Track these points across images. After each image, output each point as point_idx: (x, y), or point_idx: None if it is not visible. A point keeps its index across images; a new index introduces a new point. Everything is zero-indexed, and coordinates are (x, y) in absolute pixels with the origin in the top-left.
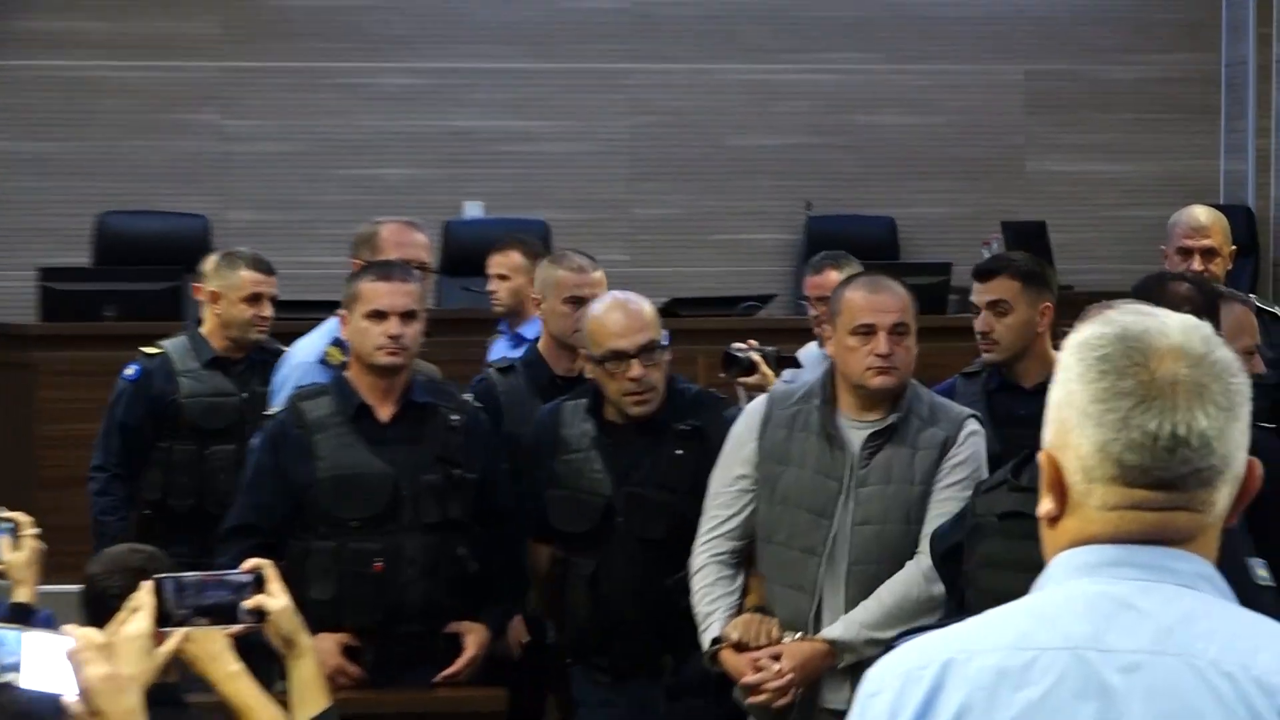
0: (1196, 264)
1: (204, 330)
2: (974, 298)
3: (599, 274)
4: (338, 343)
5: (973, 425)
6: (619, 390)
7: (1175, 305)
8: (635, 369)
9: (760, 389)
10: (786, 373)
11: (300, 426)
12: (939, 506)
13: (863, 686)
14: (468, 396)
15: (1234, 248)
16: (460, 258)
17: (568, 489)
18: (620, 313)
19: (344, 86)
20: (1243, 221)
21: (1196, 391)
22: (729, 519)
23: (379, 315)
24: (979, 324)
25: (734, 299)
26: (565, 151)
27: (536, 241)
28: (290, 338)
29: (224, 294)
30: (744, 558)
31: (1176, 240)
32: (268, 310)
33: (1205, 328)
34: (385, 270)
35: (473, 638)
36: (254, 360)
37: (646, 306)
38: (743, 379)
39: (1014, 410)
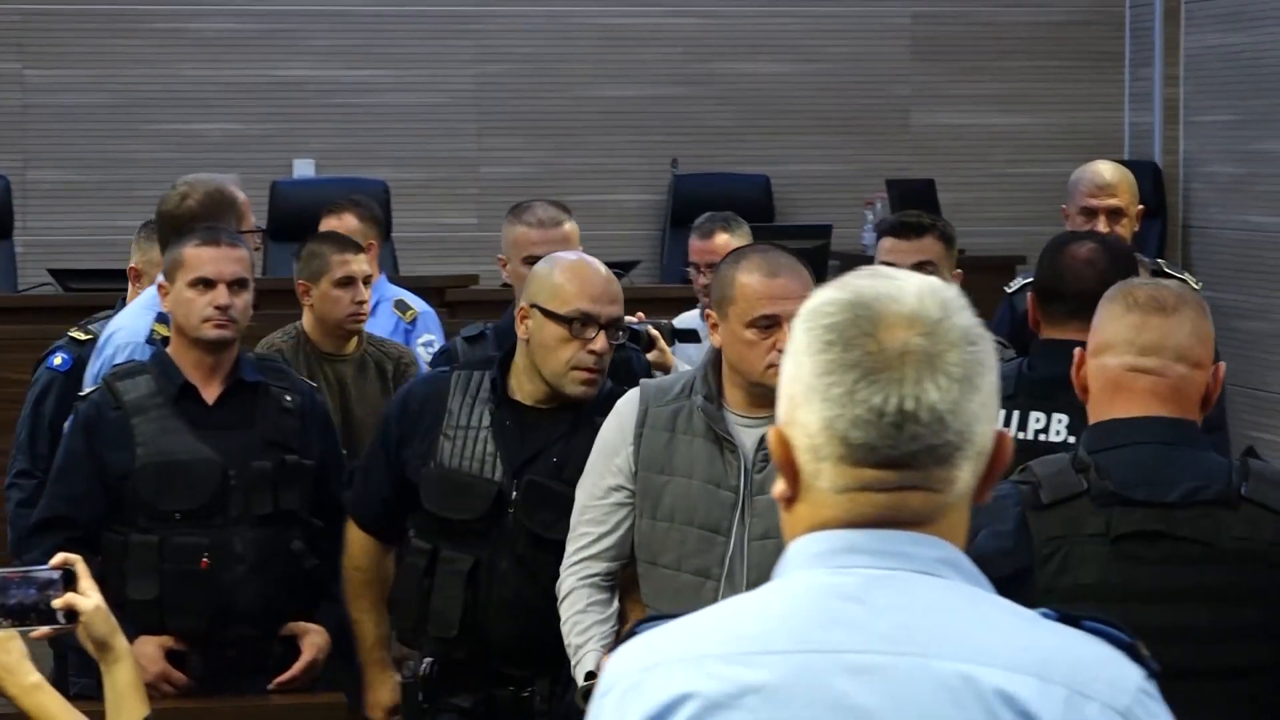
0: (1101, 225)
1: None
2: (888, 256)
3: (568, 226)
4: (163, 318)
5: None
6: (567, 361)
7: (1077, 271)
8: (601, 341)
9: (662, 368)
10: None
11: (117, 408)
12: None
13: (599, 683)
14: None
15: (1141, 207)
16: (289, 221)
17: (448, 468)
18: (598, 275)
19: (160, 32)
20: (1149, 179)
21: (927, 362)
22: (601, 537)
23: (205, 284)
24: None
25: None
26: (405, 104)
27: (373, 203)
28: (89, 312)
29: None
30: (618, 581)
31: (1079, 199)
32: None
33: (947, 291)
34: (211, 234)
35: (310, 640)
36: None
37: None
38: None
39: None
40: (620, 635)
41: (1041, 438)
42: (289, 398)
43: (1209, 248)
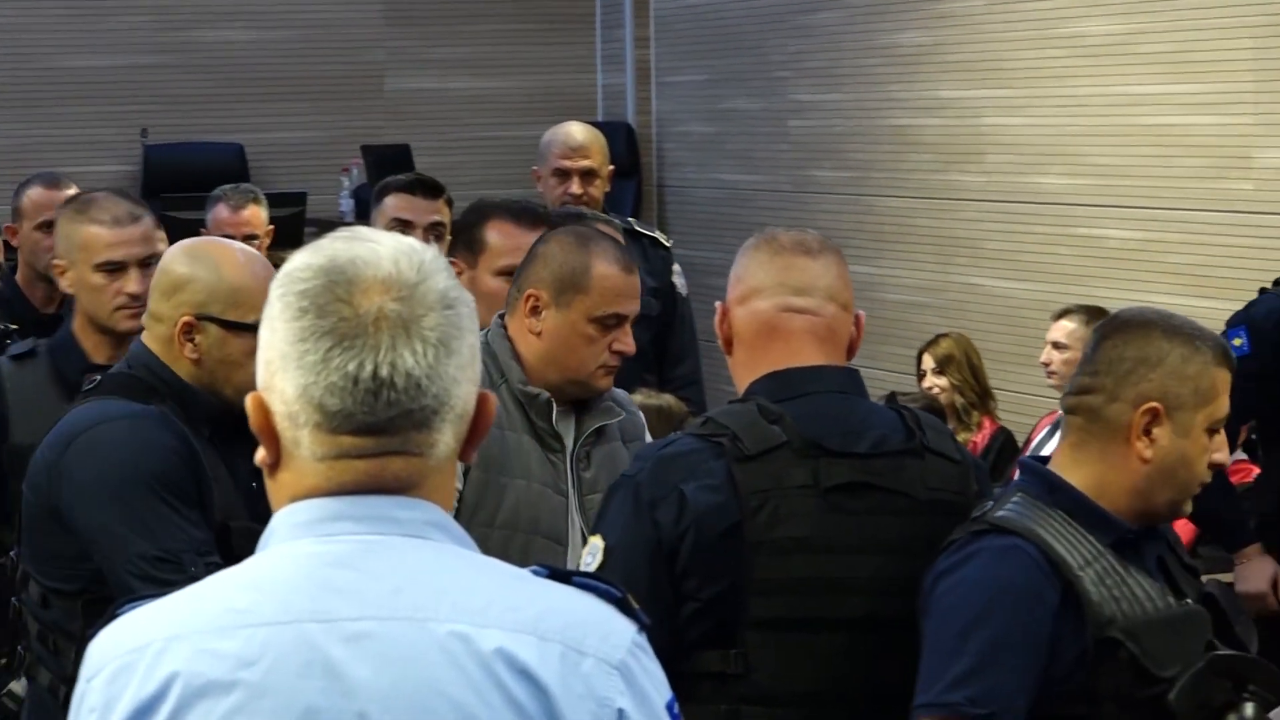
0: (575, 186)
1: None
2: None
3: (142, 228)
4: None
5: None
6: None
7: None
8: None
9: None
10: None
11: None
12: None
13: (82, 668)
14: None
15: (612, 168)
16: None
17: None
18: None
19: None
20: (623, 139)
21: (403, 327)
22: None
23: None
24: None
25: None
26: None
27: None
28: None
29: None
30: None
31: (552, 161)
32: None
33: (426, 253)
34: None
35: None
36: None
37: None
38: None
39: None
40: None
41: None
42: None
43: (684, 206)
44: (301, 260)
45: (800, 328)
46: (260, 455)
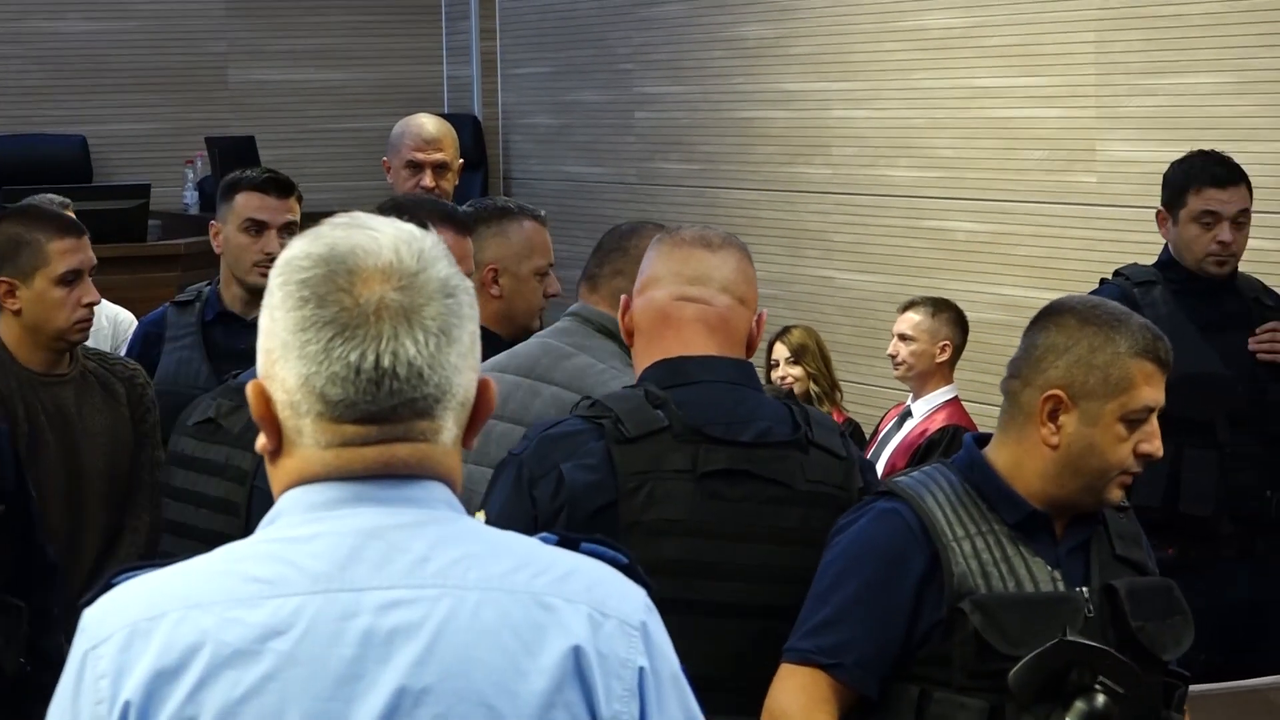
0: (427, 179)
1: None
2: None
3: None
4: None
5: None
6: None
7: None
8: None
9: None
10: None
11: None
12: None
13: (81, 635)
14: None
15: (461, 161)
16: None
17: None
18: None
19: None
20: (470, 131)
21: (404, 316)
22: None
23: None
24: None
25: None
26: None
27: None
28: None
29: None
30: None
31: (405, 154)
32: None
33: (426, 240)
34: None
35: None
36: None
37: None
38: None
39: (234, 344)
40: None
41: None
42: None
43: (531, 198)
44: (301, 248)
45: (691, 316)
46: (261, 442)
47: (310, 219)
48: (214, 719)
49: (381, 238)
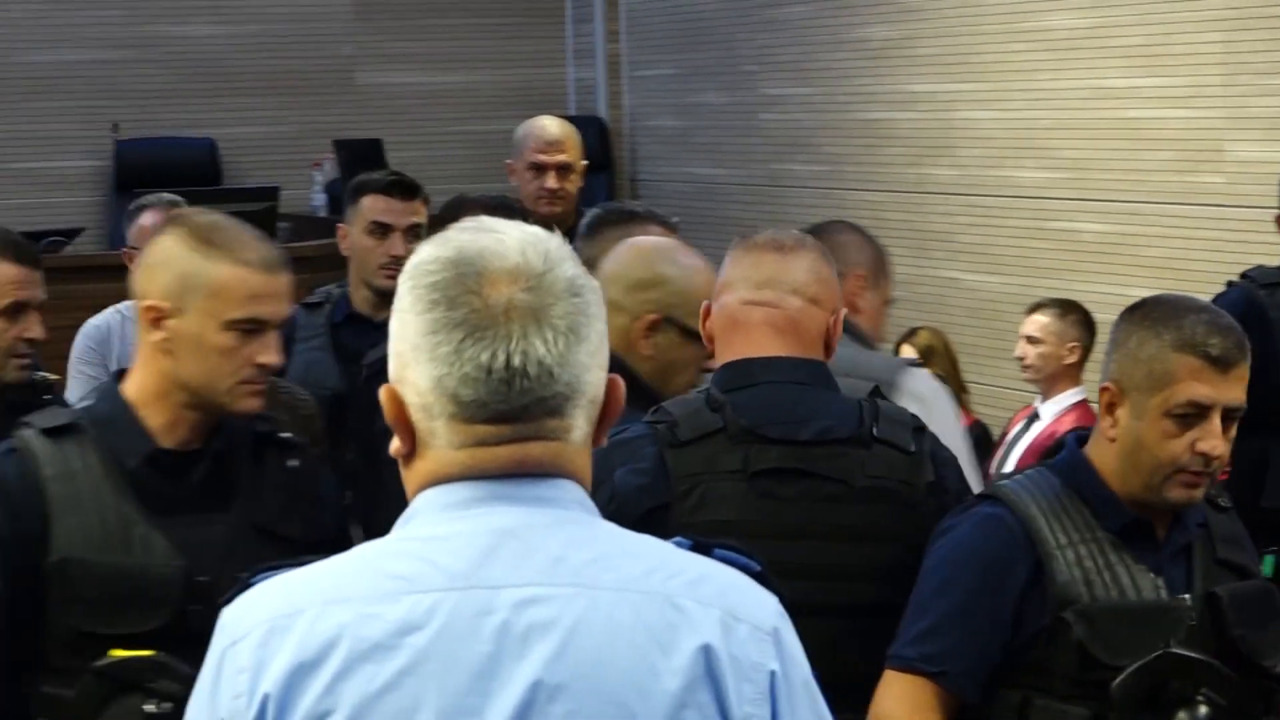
0: (551, 181)
1: None
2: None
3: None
4: None
5: None
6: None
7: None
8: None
9: None
10: None
11: None
12: None
13: (220, 634)
14: None
15: (586, 162)
16: None
17: None
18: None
19: None
20: (595, 133)
21: (533, 316)
22: None
23: None
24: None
25: (36, 234)
26: None
27: None
28: None
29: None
30: None
31: (527, 156)
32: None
33: (551, 241)
34: None
35: None
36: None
37: None
38: None
39: (363, 345)
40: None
41: None
42: None
43: (656, 200)
44: (429, 253)
45: (760, 319)
46: (395, 446)
47: (437, 222)
48: (351, 712)
49: (508, 240)
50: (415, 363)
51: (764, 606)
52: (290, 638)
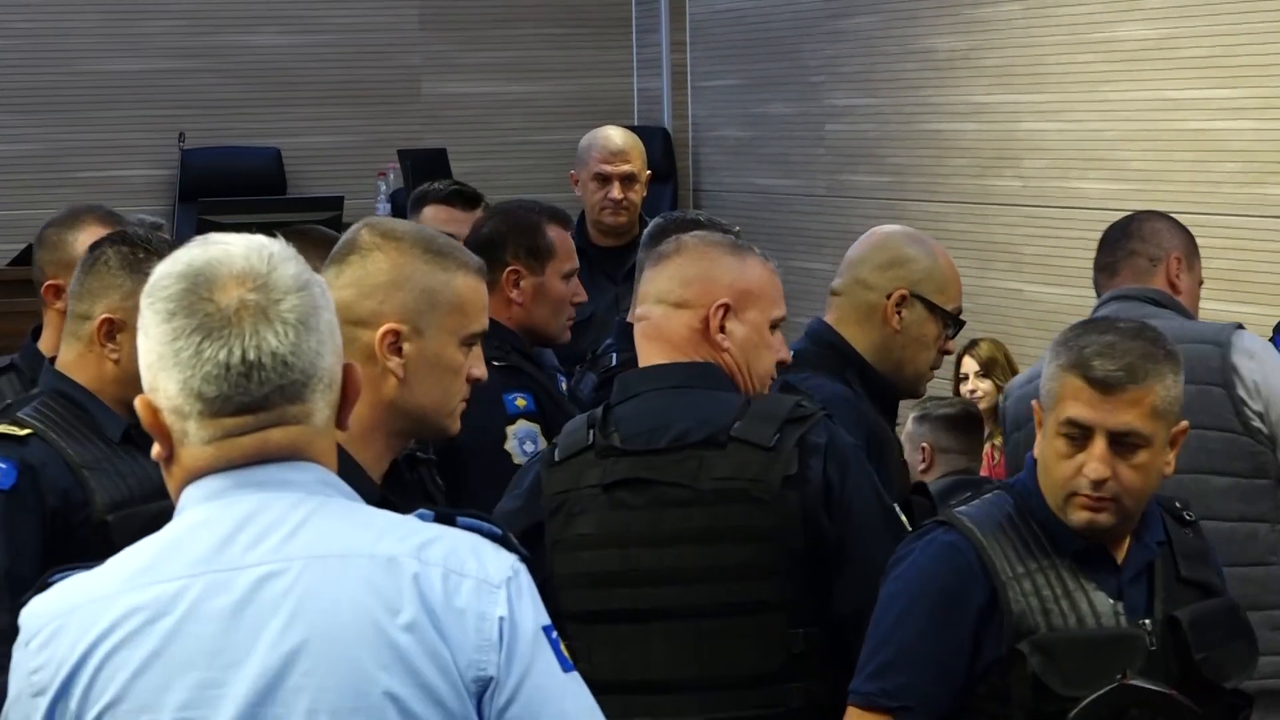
0: (615, 191)
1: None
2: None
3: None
4: None
5: None
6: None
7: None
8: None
9: None
10: None
11: None
12: None
13: (21, 634)
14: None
15: (649, 172)
16: None
17: None
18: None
19: None
20: (659, 144)
21: (262, 313)
22: None
23: None
24: None
25: None
26: None
27: None
28: None
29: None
30: None
31: (593, 166)
32: None
33: (271, 246)
34: None
35: None
36: None
37: None
38: None
39: None
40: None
41: None
42: None
43: (720, 210)
44: (163, 271)
45: (639, 334)
46: (155, 450)
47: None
48: (112, 698)
49: (233, 249)
50: (163, 370)
51: (495, 563)
52: (67, 636)
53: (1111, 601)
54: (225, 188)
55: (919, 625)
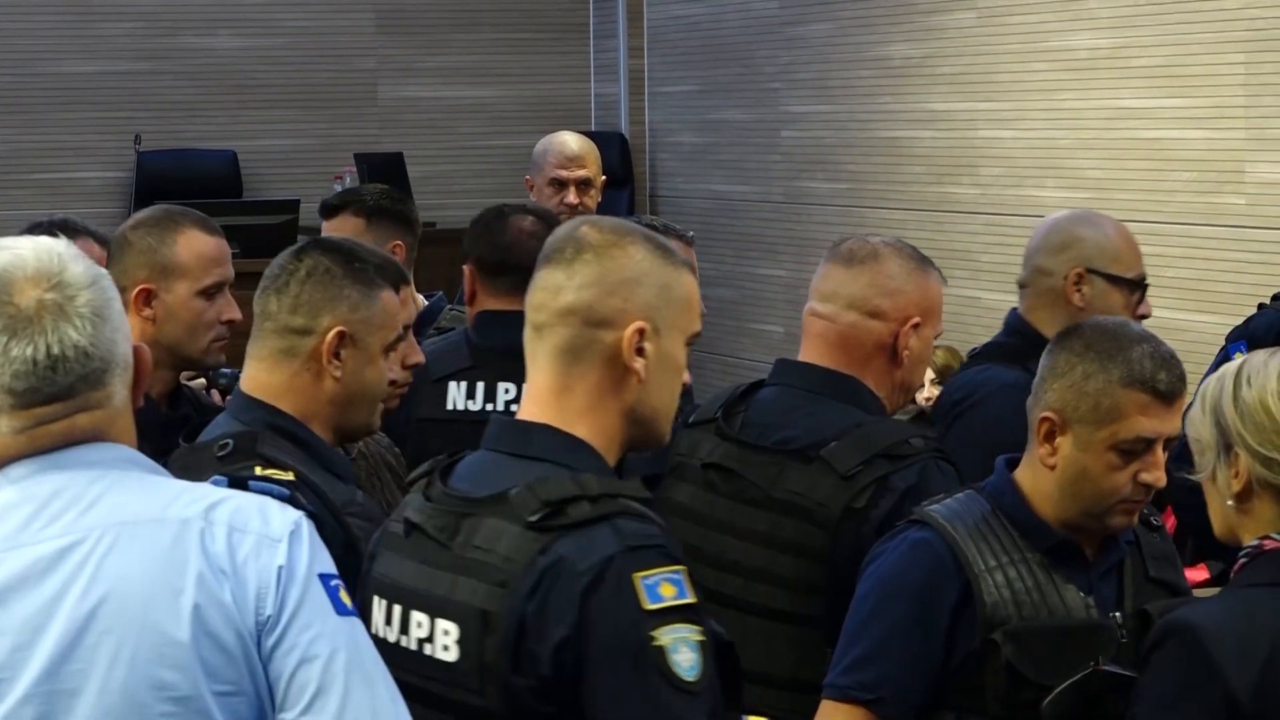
0: (571, 196)
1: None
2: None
3: None
4: None
5: None
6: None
7: (522, 244)
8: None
9: None
10: None
11: None
12: None
13: None
14: None
15: (605, 178)
16: None
17: None
18: None
19: None
20: (616, 149)
21: (60, 310)
22: None
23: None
24: None
25: None
26: None
27: None
28: None
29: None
30: None
31: (548, 171)
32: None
33: (60, 246)
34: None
35: None
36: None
37: None
38: None
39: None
40: None
41: (513, 407)
42: None
43: (676, 216)
44: None
45: (816, 331)
46: None
47: (452, 234)
48: None
49: (23, 253)
50: None
51: (279, 519)
52: None
53: (1083, 595)
54: (181, 191)
55: (893, 619)
